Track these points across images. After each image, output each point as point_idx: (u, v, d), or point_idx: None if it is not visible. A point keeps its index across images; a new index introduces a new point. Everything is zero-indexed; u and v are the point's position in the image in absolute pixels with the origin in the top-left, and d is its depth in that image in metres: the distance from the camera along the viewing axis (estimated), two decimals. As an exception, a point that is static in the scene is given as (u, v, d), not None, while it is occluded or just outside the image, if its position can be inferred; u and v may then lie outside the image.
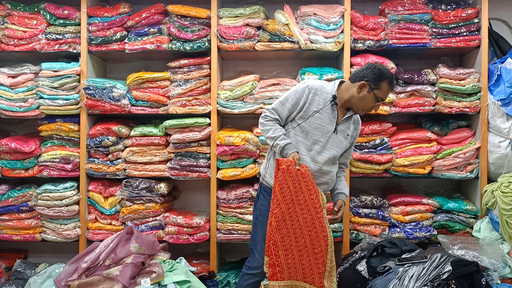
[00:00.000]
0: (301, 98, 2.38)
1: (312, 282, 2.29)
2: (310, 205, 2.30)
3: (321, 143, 2.40)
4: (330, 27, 3.18)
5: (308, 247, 2.29)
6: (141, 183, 3.22)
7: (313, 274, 2.29)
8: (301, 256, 2.29)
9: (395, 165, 3.18)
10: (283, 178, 2.27)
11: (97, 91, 3.20)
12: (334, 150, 2.43)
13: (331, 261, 2.33)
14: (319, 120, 2.39)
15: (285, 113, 2.42)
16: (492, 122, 3.11)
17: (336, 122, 2.43)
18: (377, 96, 2.37)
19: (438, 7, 3.19)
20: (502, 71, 3.09)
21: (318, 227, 2.30)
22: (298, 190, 2.29)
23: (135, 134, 3.24)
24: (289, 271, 2.29)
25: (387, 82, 2.36)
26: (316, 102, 2.39)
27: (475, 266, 2.48)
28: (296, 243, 2.29)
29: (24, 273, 3.22)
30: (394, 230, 3.16)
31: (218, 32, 3.18)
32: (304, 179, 2.30)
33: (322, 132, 2.40)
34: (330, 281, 2.33)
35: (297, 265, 2.30)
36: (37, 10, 3.32)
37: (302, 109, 2.38)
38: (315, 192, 2.32)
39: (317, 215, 2.30)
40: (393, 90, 2.47)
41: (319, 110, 2.38)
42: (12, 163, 3.30)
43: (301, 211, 2.30)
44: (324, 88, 2.42)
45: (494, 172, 3.14)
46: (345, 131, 2.47)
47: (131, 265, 2.75)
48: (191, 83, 3.22)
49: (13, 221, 3.32)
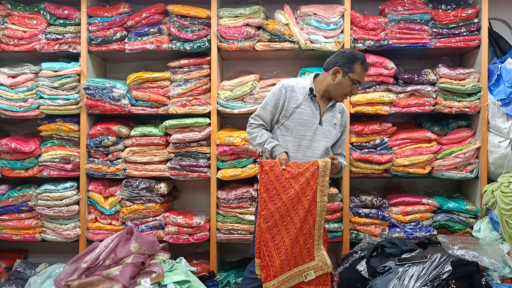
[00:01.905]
0: (279, 98, 2.42)
1: (303, 262, 2.29)
2: (303, 200, 2.28)
3: (308, 137, 2.42)
4: (330, 27, 3.18)
5: (299, 236, 2.29)
6: (141, 183, 3.22)
7: (303, 255, 2.30)
8: (293, 249, 2.28)
9: (395, 165, 3.18)
10: (267, 178, 2.30)
11: (97, 91, 3.20)
12: (323, 142, 2.44)
13: (319, 229, 2.31)
14: (301, 115, 2.41)
15: (268, 117, 2.46)
16: (492, 122, 3.11)
17: (319, 113, 2.45)
18: (352, 79, 2.38)
19: (438, 7, 3.19)
20: (502, 71, 3.09)
21: (308, 212, 2.29)
22: (288, 187, 2.29)
23: (135, 134, 3.24)
24: (282, 266, 2.28)
25: (360, 63, 2.38)
26: (295, 99, 2.42)
27: (475, 266, 2.48)
28: (289, 238, 2.28)
29: (24, 273, 3.22)
30: (394, 230, 3.16)
31: (218, 32, 3.18)
32: (294, 178, 2.29)
33: (307, 126, 2.42)
34: (319, 249, 2.32)
35: (289, 257, 2.28)
36: (37, 10, 3.32)
37: (283, 109, 2.42)
38: (308, 184, 2.29)
39: (310, 206, 2.29)
40: (367, 70, 2.47)
41: (299, 105, 2.41)
42: (12, 163, 3.30)
43: (293, 207, 2.28)
44: (300, 84, 2.46)
45: (494, 172, 3.14)
46: (331, 121, 2.48)
47: (131, 265, 2.75)
48: (191, 83, 3.22)
49: (13, 221, 3.32)
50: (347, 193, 3.18)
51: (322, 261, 2.30)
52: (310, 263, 2.30)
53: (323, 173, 2.31)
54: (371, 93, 3.16)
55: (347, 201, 3.18)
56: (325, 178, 2.31)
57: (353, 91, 2.43)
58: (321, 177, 2.31)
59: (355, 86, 2.41)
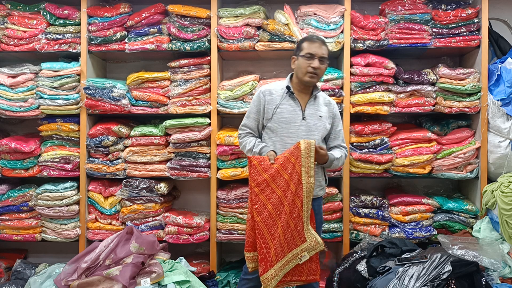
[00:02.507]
0: (259, 104, 2.49)
1: (296, 245, 2.31)
2: (292, 183, 2.30)
3: (293, 134, 2.43)
4: (330, 27, 3.18)
5: (290, 221, 2.30)
6: (141, 183, 3.22)
7: (295, 238, 2.31)
8: (285, 234, 2.29)
9: (395, 165, 3.18)
10: (256, 172, 2.32)
11: (97, 91, 3.20)
12: (311, 136, 2.44)
13: (307, 210, 2.31)
14: (282, 113, 2.44)
15: (254, 124, 2.52)
16: (492, 122, 3.11)
17: (301, 109, 2.47)
18: (304, 55, 2.42)
19: (438, 7, 3.19)
20: (502, 71, 3.09)
21: (295, 194, 2.30)
22: (277, 177, 2.30)
23: (135, 134, 3.24)
24: (277, 254, 2.29)
25: (306, 41, 2.46)
26: (273, 100, 2.47)
27: (475, 266, 2.48)
28: (281, 226, 2.29)
29: (24, 273, 3.22)
30: (394, 230, 3.16)
31: (218, 32, 3.18)
32: (282, 167, 2.30)
33: (289, 124, 2.44)
34: (308, 230, 2.32)
35: (283, 244, 2.29)
36: (37, 10, 3.32)
37: (265, 112, 2.48)
38: (294, 168, 2.30)
39: (296, 189, 2.30)
40: (315, 42, 2.44)
41: (278, 105, 2.45)
42: (12, 163, 3.30)
43: (284, 195, 2.29)
44: (277, 86, 2.53)
45: (494, 172, 3.14)
46: (315, 114, 2.49)
47: (131, 265, 2.75)
48: (191, 83, 3.22)
49: (13, 221, 3.32)
50: (347, 193, 3.18)
51: (314, 241, 2.31)
52: (302, 245, 2.31)
53: (306, 154, 2.31)
54: (371, 93, 3.16)
55: (347, 201, 3.18)
56: (309, 159, 2.31)
57: (312, 64, 2.41)
58: (304, 158, 2.30)
59: (311, 60, 2.41)
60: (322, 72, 2.48)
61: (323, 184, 2.54)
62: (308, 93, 2.52)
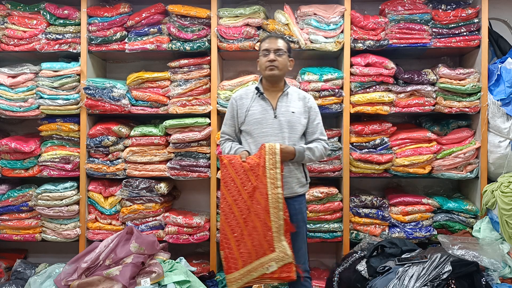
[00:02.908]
0: (233, 110, 2.56)
1: (264, 254, 2.31)
2: (257, 191, 2.32)
3: (267, 133, 2.44)
4: (330, 27, 3.18)
5: (258, 227, 2.31)
6: (141, 183, 3.22)
7: (263, 247, 2.31)
8: (252, 240, 2.32)
9: (395, 165, 3.18)
10: (226, 172, 2.37)
11: (97, 91, 3.20)
12: (285, 134, 2.45)
13: (277, 220, 2.30)
14: (253, 115, 2.48)
15: (231, 130, 2.58)
16: (492, 122, 3.11)
17: (272, 108, 2.48)
18: (261, 53, 2.51)
19: (438, 7, 3.19)
20: (502, 71, 3.09)
21: (263, 202, 2.31)
22: (245, 181, 2.33)
23: (135, 134, 3.24)
24: (243, 259, 2.32)
25: (262, 41, 2.55)
26: (245, 104, 2.52)
27: (475, 266, 2.48)
28: (246, 230, 2.31)
29: (24, 273, 3.22)
30: (394, 230, 3.16)
31: (218, 32, 3.18)
32: (252, 169, 2.33)
33: (262, 124, 2.46)
34: (279, 240, 2.31)
35: (250, 250, 2.32)
36: (37, 10, 3.32)
37: (238, 117, 2.54)
38: (264, 175, 2.32)
39: (263, 196, 2.31)
40: (269, 38, 2.53)
41: (249, 107, 2.50)
42: (12, 163, 3.30)
43: (249, 198, 2.32)
44: (247, 90, 2.59)
45: (494, 172, 3.14)
46: (287, 110, 2.49)
47: (131, 265, 2.75)
48: (191, 83, 3.22)
49: (13, 221, 3.32)
50: (347, 193, 3.18)
51: (283, 252, 2.30)
52: (271, 255, 2.31)
53: (272, 166, 2.32)
54: (371, 93, 3.16)
55: (347, 201, 3.18)
56: (275, 170, 2.32)
57: (269, 58, 2.46)
58: (269, 170, 2.32)
59: (268, 54, 2.47)
60: (282, 64, 2.48)
61: (303, 181, 2.52)
62: (279, 91, 2.54)
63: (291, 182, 2.45)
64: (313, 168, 3.18)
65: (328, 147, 2.55)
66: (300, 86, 3.18)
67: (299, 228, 2.44)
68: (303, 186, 2.53)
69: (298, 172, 2.49)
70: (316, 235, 3.18)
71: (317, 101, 3.14)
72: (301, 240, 2.47)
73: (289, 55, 2.53)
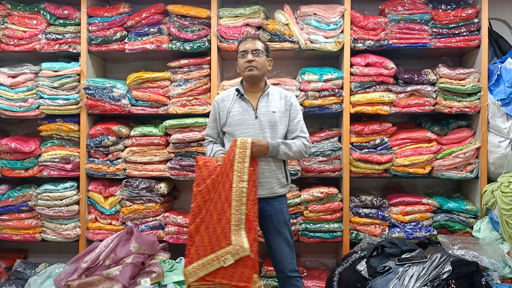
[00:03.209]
0: (215, 113, 2.59)
1: (220, 247, 2.31)
2: (221, 184, 2.34)
3: (247, 134, 2.45)
4: (330, 27, 3.18)
5: (217, 222, 2.33)
6: (141, 183, 3.22)
7: (219, 240, 2.32)
8: (209, 234, 2.34)
9: (395, 165, 3.18)
10: (199, 173, 2.39)
11: (97, 91, 3.20)
12: (266, 134, 2.46)
13: (237, 214, 2.30)
14: (235, 116, 2.50)
15: (214, 132, 2.61)
16: (492, 122, 3.11)
17: (253, 108, 2.50)
18: (239, 54, 2.52)
19: (438, 7, 3.19)
20: (502, 71, 3.09)
21: (226, 195, 2.33)
22: (215, 182, 2.36)
23: (135, 134, 3.24)
24: (198, 253, 2.35)
25: (240, 43, 2.56)
26: (226, 106, 2.55)
27: (475, 266, 2.48)
28: (205, 227, 2.34)
29: (24, 273, 3.22)
30: (394, 230, 3.16)
31: (218, 32, 3.18)
32: (224, 171, 2.35)
33: (243, 124, 2.47)
34: (238, 235, 2.30)
35: (206, 243, 2.34)
36: (37, 10, 3.32)
37: (220, 119, 2.56)
38: (231, 169, 2.33)
39: (225, 189, 2.33)
40: (246, 39, 2.54)
41: (230, 109, 2.52)
42: (12, 163, 3.30)
43: (218, 197, 2.34)
44: (229, 92, 2.61)
45: (494, 172, 3.14)
46: (268, 110, 2.50)
47: (131, 265, 2.75)
48: (191, 83, 3.22)
49: (13, 221, 3.32)
50: (347, 193, 3.18)
51: (239, 245, 2.28)
52: (227, 248, 2.30)
53: (240, 159, 2.32)
54: (371, 93, 3.16)
55: (347, 201, 3.18)
56: (243, 164, 2.32)
57: (247, 59, 2.47)
58: (237, 163, 2.32)
59: (246, 55, 2.48)
60: (260, 64, 2.49)
61: (283, 182, 2.52)
62: (260, 92, 2.55)
63: (272, 182, 2.46)
64: (313, 168, 3.18)
65: (309, 144, 2.54)
66: (300, 86, 3.18)
67: (280, 229, 2.45)
68: (284, 186, 2.53)
69: (279, 173, 2.49)
70: (316, 235, 3.18)
71: (317, 101, 3.16)
72: (283, 241, 2.46)
73: (267, 55, 2.55)
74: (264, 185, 2.43)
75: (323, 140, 3.23)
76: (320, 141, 3.23)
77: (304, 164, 3.18)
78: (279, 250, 2.44)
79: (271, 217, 2.45)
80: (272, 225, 2.46)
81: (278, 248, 2.44)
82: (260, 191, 2.40)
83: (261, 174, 2.42)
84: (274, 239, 2.45)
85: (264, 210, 2.44)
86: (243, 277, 2.29)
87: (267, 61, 2.54)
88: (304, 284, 3.11)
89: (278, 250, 2.43)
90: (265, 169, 2.44)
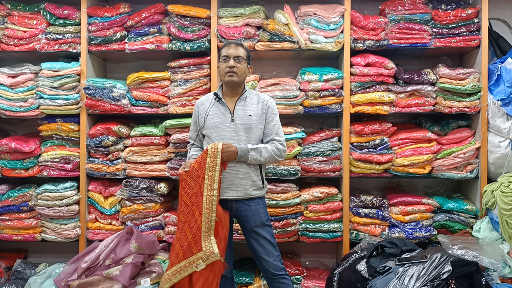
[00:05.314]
0: (195, 116, 2.64)
1: (191, 254, 2.38)
2: (193, 198, 2.40)
3: (224, 136, 2.49)
4: (330, 27, 3.18)
5: (188, 230, 2.40)
6: (141, 183, 3.22)
7: (191, 247, 2.38)
8: (181, 242, 2.40)
9: (395, 165, 3.18)
10: (185, 183, 2.46)
11: (97, 91, 3.20)
12: (242, 137, 2.49)
13: (207, 221, 2.36)
14: (212, 119, 2.54)
15: (194, 135, 2.66)
16: (492, 122, 3.11)
17: (230, 112, 2.53)
18: (221, 59, 2.56)
19: (438, 7, 3.19)
20: (502, 71, 3.09)
21: (195, 204, 2.40)
22: (187, 187, 2.44)
23: (135, 134, 3.24)
24: (171, 260, 2.42)
25: (223, 48, 2.60)
26: (204, 109, 2.59)
27: (475, 266, 2.48)
28: (179, 234, 2.42)
29: (24, 273, 3.22)
30: (394, 230, 3.16)
31: (218, 32, 3.18)
32: (191, 177, 2.43)
33: (219, 127, 2.51)
34: (208, 241, 2.37)
35: (178, 250, 2.41)
36: (37, 10, 3.32)
37: (199, 122, 2.61)
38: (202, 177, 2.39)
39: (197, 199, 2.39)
40: (230, 45, 2.57)
41: (208, 112, 2.56)
42: (12, 163, 3.30)
43: (191, 203, 2.41)
44: (208, 96, 2.66)
45: (494, 172, 3.14)
46: (244, 114, 2.53)
47: (131, 265, 2.75)
48: (191, 83, 3.22)
49: (13, 221, 3.32)
50: (347, 193, 3.18)
51: (209, 250, 2.35)
52: (198, 254, 2.37)
53: (211, 168, 2.38)
54: (371, 93, 3.16)
55: (347, 201, 3.18)
56: (213, 173, 2.38)
57: (228, 64, 2.51)
58: (208, 171, 2.38)
59: (227, 61, 2.52)
60: (241, 71, 2.53)
61: (259, 184, 2.52)
62: (238, 96, 2.58)
63: (246, 184, 2.47)
64: (313, 168, 3.18)
65: (283, 148, 2.55)
66: (300, 86, 3.18)
67: (257, 229, 2.47)
68: (259, 189, 2.53)
69: (254, 175, 2.50)
70: (316, 235, 3.19)
71: (317, 101, 3.16)
72: (263, 240, 2.48)
73: (248, 62, 2.59)
74: (238, 186, 2.46)
75: (323, 140, 3.23)
76: (320, 141, 3.23)
77: (304, 164, 3.18)
78: (259, 250, 2.48)
79: (246, 217, 2.48)
80: (249, 226, 2.49)
81: (258, 248, 2.49)
82: (233, 192, 2.46)
83: (235, 175, 2.46)
84: (252, 240, 2.50)
85: (240, 211, 2.49)
86: (207, 282, 2.38)
87: (248, 68, 2.59)
88: (304, 284, 3.12)
89: (258, 250, 2.48)
90: (240, 171, 2.46)
